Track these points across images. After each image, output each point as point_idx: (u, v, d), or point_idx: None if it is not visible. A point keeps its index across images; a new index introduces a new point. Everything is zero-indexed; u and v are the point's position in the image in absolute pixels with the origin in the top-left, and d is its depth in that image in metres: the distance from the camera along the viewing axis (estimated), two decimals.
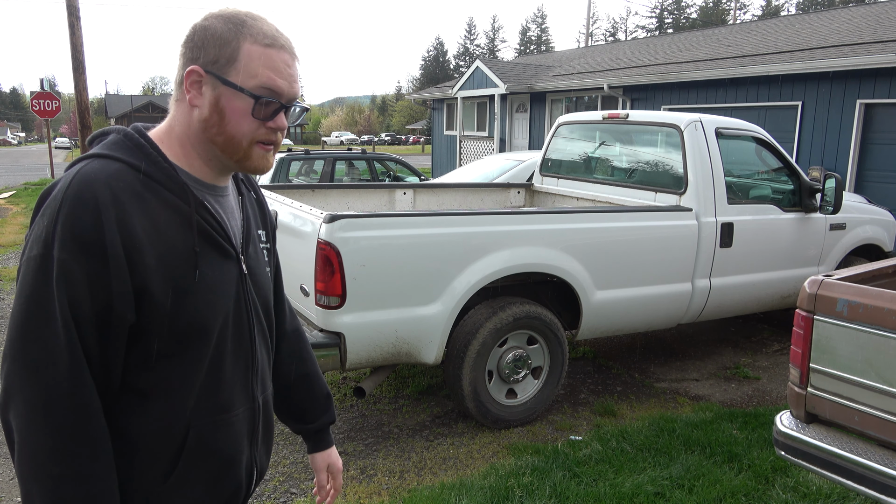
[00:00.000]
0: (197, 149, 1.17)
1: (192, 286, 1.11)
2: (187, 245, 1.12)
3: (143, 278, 1.06)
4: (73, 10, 13.50)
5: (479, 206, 5.87)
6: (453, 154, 18.82)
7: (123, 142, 1.13)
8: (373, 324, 3.46)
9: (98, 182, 1.05)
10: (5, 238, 10.48)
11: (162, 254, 1.08)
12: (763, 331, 6.02)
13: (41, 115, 19.28)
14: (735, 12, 56.72)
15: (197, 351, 1.14)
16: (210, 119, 1.14)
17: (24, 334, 1.03)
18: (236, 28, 1.12)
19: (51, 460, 1.03)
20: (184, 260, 1.11)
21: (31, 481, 1.04)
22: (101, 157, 1.10)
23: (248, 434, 1.27)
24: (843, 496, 3.18)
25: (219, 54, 1.12)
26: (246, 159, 1.17)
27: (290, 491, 3.29)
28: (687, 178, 4.54)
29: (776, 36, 13.27)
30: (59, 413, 1.02)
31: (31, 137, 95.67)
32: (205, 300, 1.14)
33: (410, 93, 57.24)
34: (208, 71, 1.12)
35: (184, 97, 1.15)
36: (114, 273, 1.03)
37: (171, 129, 1.18)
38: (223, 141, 1.15)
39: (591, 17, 39.85)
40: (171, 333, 1.10)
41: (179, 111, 1.17)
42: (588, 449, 3.64)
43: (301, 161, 10.17)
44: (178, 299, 1.10)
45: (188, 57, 1.14)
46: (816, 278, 2.64)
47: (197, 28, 1.14)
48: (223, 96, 1.13)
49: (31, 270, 1.04)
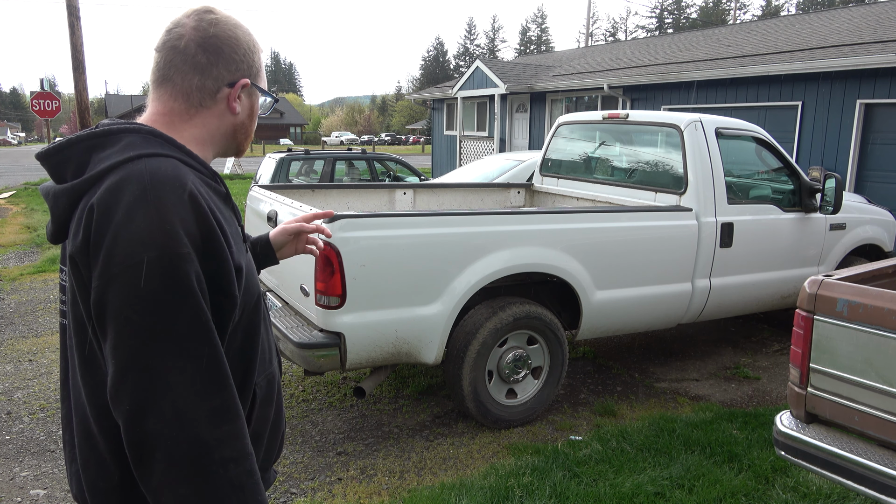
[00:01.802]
0: (216, 146, 1.26)
1: (248, 260, 1.24)
2: (236, 224, 1.23)
3: (236, 258, 1.14)
4: (73, 10, 13.50)
5: (479, 206, 5.87)
6: (453, 154, 18.81)
7: (154, 140, 1.13)
8: (373, 324, 3.46)
9: (179, 176, 1.08)
10: (5, 238, 10.48)
11: (233, 234, 1.17)
12: (763, 331, 6.02)
13: (41, 115, 19.24)
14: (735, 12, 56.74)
15: (255, 317, 1.25)
16: (244, 123, 1.26)
17: (156, 340, 1.00)
18: (250, 38, 1.23)
19: (214, 448, 1.03)
20: (240, 238, 1.22)
21: (190, 482, 1.01)
22: (152, 156, 1.09)
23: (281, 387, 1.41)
24: (843, 496, 3.18)
25: (251, 64, 1.23)
26: (247, 147, 1.34)
27: (290, 491, 3.29)
28: (687, 178, 4.54)
29: (776, 36, 13.27)
30: (212, 401, 1.05)
31: (31, 137, 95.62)
32: (255, 271, 1.29)
33: (410, 93, 57.23)
34: (253, 83, 1.23)
35: (215, 104, 1.21)
36: (221, 259, 1.09)
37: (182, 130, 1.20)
38: (245, 138, 1.29)
39: (591, 17, 39.85)
40: (245, 304, 1.19)
41: (206, 117, 1.22)
42: (588, 449, 3.64)
43: (301, 161, 10.18)
44: (249, 272, 1.22)
45: (227, 68, 1.20)
46: (816, 278, 2.64)
47: (223, 39, 1.19)
48: (256, 102, 1.26)
49: (150, 274, 1.00)
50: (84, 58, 14.06)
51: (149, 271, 1.00)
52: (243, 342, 1.22)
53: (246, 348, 1.23)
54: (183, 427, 1.01)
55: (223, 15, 1.20)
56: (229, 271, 1.11)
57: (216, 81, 1.19)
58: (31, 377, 4.70)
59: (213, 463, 1.03)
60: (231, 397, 1.08)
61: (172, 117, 1.19)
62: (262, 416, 1.29)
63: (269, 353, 1.33)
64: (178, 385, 1.01)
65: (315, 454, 3.67)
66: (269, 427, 1.32)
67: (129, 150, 1.08)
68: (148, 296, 1.00)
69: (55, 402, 4.29)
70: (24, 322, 5.97)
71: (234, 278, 1.12)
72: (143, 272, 1.00)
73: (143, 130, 1.13)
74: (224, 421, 1.05)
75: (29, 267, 8.23)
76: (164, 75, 1.19)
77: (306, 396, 4.46)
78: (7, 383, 4.59)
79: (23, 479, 3.38)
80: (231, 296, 1.12)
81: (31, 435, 3.84)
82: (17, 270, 8.07)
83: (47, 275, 7.80)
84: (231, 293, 1.12)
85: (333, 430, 3.96)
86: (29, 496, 3.23)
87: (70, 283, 1.10)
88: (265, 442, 1.32)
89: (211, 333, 1.05)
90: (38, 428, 3.93)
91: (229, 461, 1.05)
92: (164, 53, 1.18)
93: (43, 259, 8.67)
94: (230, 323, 1.14)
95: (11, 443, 3.76)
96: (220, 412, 1.05)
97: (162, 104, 1.20)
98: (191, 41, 1.16)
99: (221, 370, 1.07)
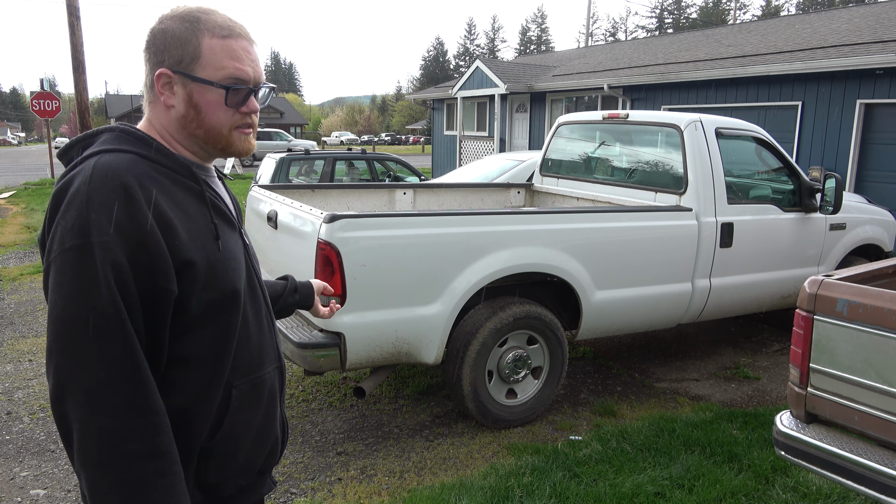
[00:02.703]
0: (182, 142, 1.26)
1: (218, 256, 1.21)
2: (206, 219, 1.22)
3: (182, 253, 1.13)
4: (73, 10, 13.50)
5: (479, 206, 5.87)
6: (453, 154, 18.81)
7: (123, 136, 1.20)
8: (373, 324, 3.46)
9: (120, 170, 1.11)
10: (5, 238, 10.48)
11: (189, 228, 1.16)
12: (763, 331, 6.02)
13: (41, 115, 19.27)
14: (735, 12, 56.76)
15: (229, 315, 1.23)
16: (187, 115, 1.22)
17: (73, 323, 1.05)
18: (192, 26, 1.20)
19: (119, 440, 1.05)
20: (207, 232, 1.20)
21: (97, 468, 1.05)
22: (109, 152, 1.15)
23: (279, 390, 1.39)
24: (843, 496, 3.18)
25: (182, 53, 1.20)
26: (230, 146, 1.28)
27: (290, 491, 3.29)
28: (687, 178, 4.54)
29: (776, 36, 13.26)
30: (121, 392, 1.06)
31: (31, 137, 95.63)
32: (230, 267, 1.24)
33: (410, 93, 57.22)
34: (176, 71, 1.20)
35: (157, 99, 1.23)
36: (154, 252, 1.09)
37: (152, 126, 1.25)
38: (204, 133, 1.24)
39: (591, 17, 39.85)
40: (209, 301, 1.18)
41: (155, 112, 1.25)
42: (588, 449, 3.64)
43: (301, 161, 10.18)
44: (211, 268, 1.18)
45: (153, 61, 1.21)
46: (816, 278, 2.64)
47: (155, 32, 1.21)
48: (195, 92, 1.21)
49: (71, 261, 1.06)
50: (84, 58, 14.06)
51: (68, 258, 1.06)
52: (213, 342, 1.20)
53: (216, 347, 1.21)
54: (93, 412, 1.05)
55: (181, 11, 1.22)
56: (164, 264, 1.11)
57: (148, 76, 1.23)
58: (31, 377, 4.70)
59: (119, 454, 1.06)
60: (144, 392, 1.08)
61: (147, 114, 1.27)
62: (242, 419, 1.28)
63: (258, 357, 1.32)
64: (91, 371, 1.05)
65: (315, 454, 3.67)
66: (253, 432, 1.31)
67: (98, 146, 1.17)
68: (65, 282, 1.06)
69: None
70: (24, 322, 5.98)
71: (170, 272, 1.11)
72: (64, 259, 1.06)
73: (117, 129, 1.21)
74: (136, 415, 1.07)
75: (29, 267, 8.23)
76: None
77: (306, 396, 4.46)
78: (7, 383, 4.59)
79: (23, 479, 3.38)
80: (164, 290, 1.11)
81: (31, 435, 3.84)
82: (17, 270, 8.07)
83: None
84: (164, 287, 1.11)
85: (333, 430, 3.96)
86: (29, 496, 3.23)
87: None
88: (247, 446, 1.31)
89: (121, 324, 1.07)
90: (38, 428, 3.93)
91: (136, 456, 1.06)
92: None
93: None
94: (165, 316, 1.13)
95: (11, 443, 3.76)
96: (133, 405, 1.07)
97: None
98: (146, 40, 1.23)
99: (132, 362, 1.08)
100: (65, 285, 1.06)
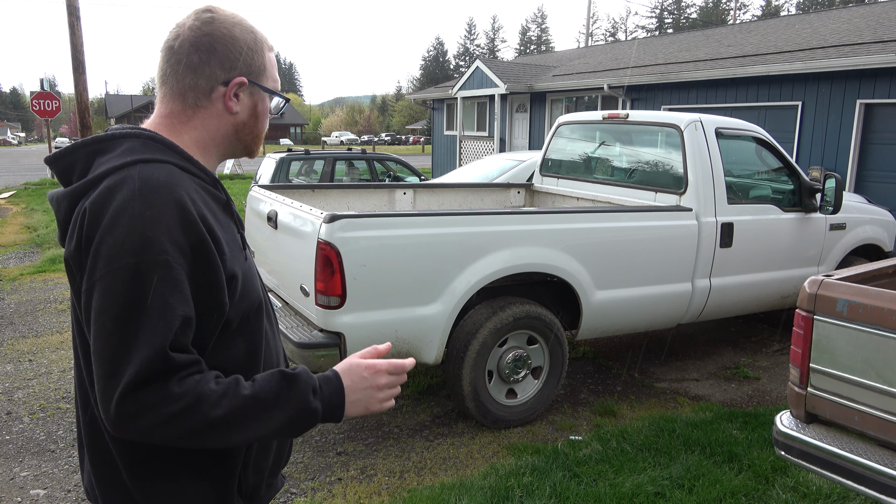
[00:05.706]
0: (219, 148, 1.26)
1: (246, 266, 1.22)
2: (233, 230, 1.22)
3: (228, 266, 1.13)
4: (73, 10, 13.50)
5: (479, 206, 5.87)
6: (453, 154, 18.81)
7: (153, 145, 1.14)
8: (373, 324, 3.46)
9: (170, 184, 1.08)
10: (5, 238, 10.49)
11: (228, 241, 1.16)
12: (763, 331, 6.02)
13: (41, 115, 19.28)
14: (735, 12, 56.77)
15: (258, 324, 1.24)
16: (248, 123, 1.25)
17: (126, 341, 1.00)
18: (256, 36, 1.23)
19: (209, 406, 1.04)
20: (237, 245, 1.21)
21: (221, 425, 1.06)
22: (148, 162, 1.10)
23: None
24: (843, 496, 3.18)
25: (253, 63, 1.22)
26: (257, 149, 1.34)
27: (290, 491, 3.29)
28: (687, 178, 4.54)
29: (776, 36, 13.26)
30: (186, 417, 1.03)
31: (31, 137, 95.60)
32: (255, 275, 1.26)
33: (410, 93, 57.22)
34: (252, 81, 1.22)
35: (212, 104, 1.20)
36: (213, 266, 1.09)
37: (181, 133, 1.20)
38: (252, 139, 1.28)
39: (591, 17, 39.84)
40: (244, 311, 1.19)
41: (203, 117, 1.21)
42: (588, 449, 3.64)
43: (301, 161, 10.18)
44: (245, 279, 1.19)
45: (222, 67, 1.19)
46: (816, 278, 2.64)
47: (217, 37, 1.18)
48: (261, 101, 1.25)
49: (125, 280, 1.00)
50: (84, 58, 14.07)
51: (120, 277, 1.00)
52: (246, 350, 1.21)
53: (249, 356, 1.22)
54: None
55: (223, 13, 1.20)
56: (219, 279, 1.10)
57: (209, 80, 1.18)
58: (31, 377, 4.70)
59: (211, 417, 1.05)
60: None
61: (173, 119, 1.20)
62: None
63: (275, 361, 1.33)
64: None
65: (315, 454, 3.67)
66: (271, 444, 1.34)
67: (127, 155, 1.10)
68: (118, 302, 1.00)
69: (55, 402, 4.29)
70: (24, 322, 5.98)
71: (223, 286, 1.11)
72: (115, 278, 1.00)
73: (143, 135, 1.15)
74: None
75: (29, 267, 8.23)
76: (163, 75, 1.20)
77: None
78: (7, 383, 4.59)
79: (23, 479, 3.38)
80: (219, 304, 1.11)
81: (31, 435, 3.84)
82: (17, 270, 8.07)
83: (47, 275, 7.80)
84: (220, 301, 1.11)
85: (333, 430, 3.96)
86: (29, 496, 3.23)
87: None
88: (276, 446, 1.34)
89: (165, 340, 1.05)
90: (38, 428, 3.93)
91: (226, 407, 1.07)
92: (162, 54, 1.20)
93: (43, 259, 8.66)
94: (215, 330, 1.13)
95: (11, 443, 3.76)
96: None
97: (164, 106, 1.21)
98: (185, 41, 1.17)
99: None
100: (116, 306, 1.00)
